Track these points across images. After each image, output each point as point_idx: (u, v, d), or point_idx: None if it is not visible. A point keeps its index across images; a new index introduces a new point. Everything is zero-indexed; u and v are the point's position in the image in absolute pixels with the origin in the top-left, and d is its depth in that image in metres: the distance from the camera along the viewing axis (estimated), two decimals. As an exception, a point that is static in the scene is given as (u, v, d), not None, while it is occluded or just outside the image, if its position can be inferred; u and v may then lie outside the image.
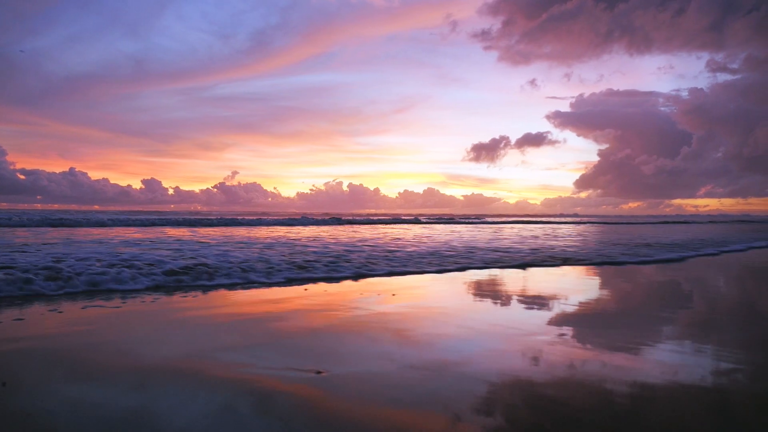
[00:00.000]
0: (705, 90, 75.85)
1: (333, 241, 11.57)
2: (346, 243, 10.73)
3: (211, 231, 16.45)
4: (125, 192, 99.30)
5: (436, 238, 13.55)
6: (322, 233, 15.87)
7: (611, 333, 3.48)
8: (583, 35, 64.35)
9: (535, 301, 4.69)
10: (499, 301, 4.72)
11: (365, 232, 17.73)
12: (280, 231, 17.46)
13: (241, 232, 16.10)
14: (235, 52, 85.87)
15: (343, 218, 34.96)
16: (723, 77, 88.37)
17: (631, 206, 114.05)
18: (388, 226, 25.87)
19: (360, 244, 10.54)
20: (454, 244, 11.27)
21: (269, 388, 2.26)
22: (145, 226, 20.48)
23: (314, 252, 8.25)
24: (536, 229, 21.81)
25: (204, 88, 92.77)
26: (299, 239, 12.05)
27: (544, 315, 4.08)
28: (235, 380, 2.36)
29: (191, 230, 17.11)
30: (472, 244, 11.08)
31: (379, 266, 6.87)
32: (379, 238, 13.42)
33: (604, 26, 61.37)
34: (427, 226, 26.38)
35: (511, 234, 17.08)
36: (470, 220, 42.45)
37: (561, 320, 3.87)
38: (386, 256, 7.98)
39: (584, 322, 3.91)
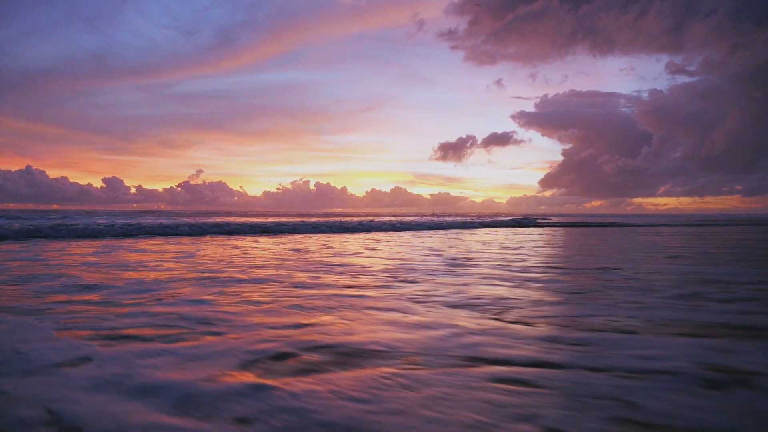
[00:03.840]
0: (664, 91, 79.29)
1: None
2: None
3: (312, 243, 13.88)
4: (85, 191, 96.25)
5: None
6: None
7: None
8: (548, 36, 65.94)
9: None
10: None
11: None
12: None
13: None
14: (199, 49, 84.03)
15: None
16: (681, 79, 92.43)
17: (594, 205, 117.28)
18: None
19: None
20: None
21: None
22: (213, 234, 16.14)
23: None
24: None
25: (167, 84, 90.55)
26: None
27: None
28: None
29: (279, 239, 13.31)
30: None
31: None
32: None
33: (568, 27, 63.04)
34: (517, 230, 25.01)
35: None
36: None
37: None
38: None
39: None
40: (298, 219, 29.45)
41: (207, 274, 6.20)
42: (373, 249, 11.15)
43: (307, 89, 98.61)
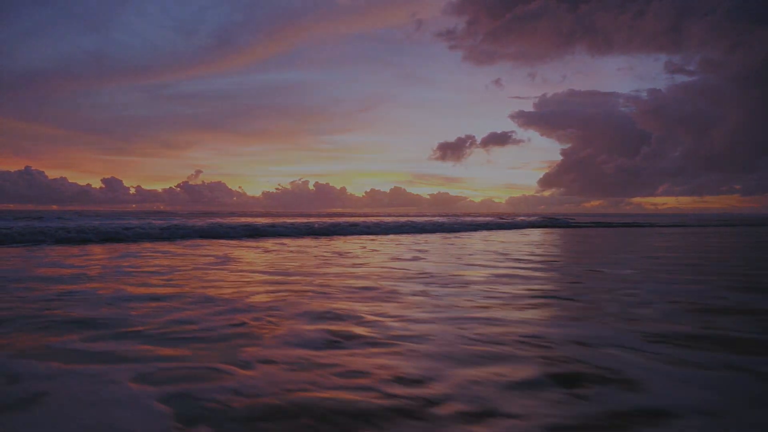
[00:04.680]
0: (663, 91, 78.72)
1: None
2: None
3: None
4: (84, 191, 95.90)
5: None
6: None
7: None
8: (547, 36, 65.37)
9: None
10: None
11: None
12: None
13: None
14: (198, 49, 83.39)
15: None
16: (680, 78, 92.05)
17: (593, 204, 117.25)
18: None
19: None
20: None
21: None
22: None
23: None
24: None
25: (166, 85, 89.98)
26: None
27: None
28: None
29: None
30: None
31: None
32: None
33: (567, 27, 62.47)
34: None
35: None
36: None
37: None
38: None
39: None
40: (300, 219, 28.08)
41: (274, 285, 4.89)
42: (426, 251, 9.92)
43: (306, 89, 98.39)
